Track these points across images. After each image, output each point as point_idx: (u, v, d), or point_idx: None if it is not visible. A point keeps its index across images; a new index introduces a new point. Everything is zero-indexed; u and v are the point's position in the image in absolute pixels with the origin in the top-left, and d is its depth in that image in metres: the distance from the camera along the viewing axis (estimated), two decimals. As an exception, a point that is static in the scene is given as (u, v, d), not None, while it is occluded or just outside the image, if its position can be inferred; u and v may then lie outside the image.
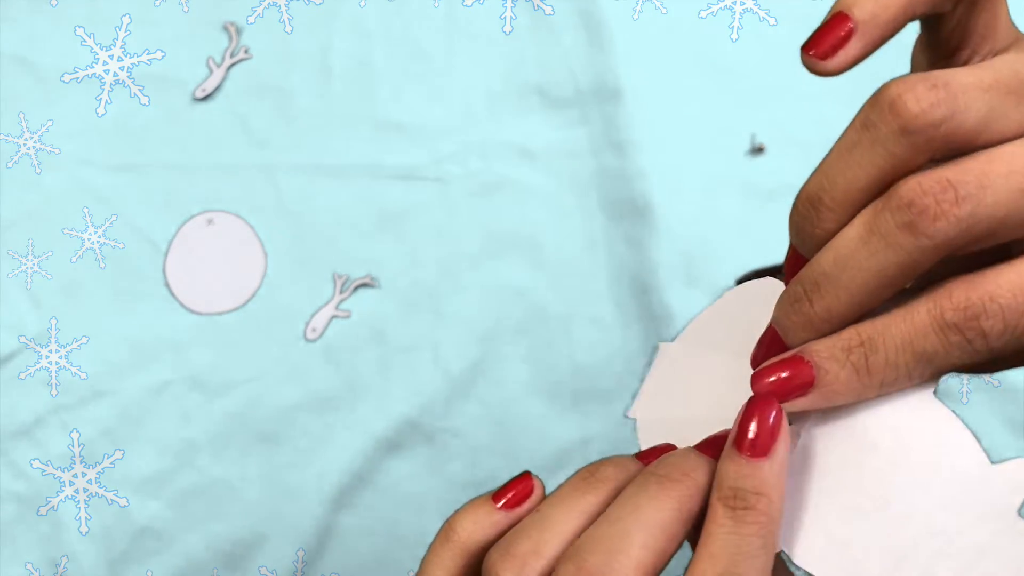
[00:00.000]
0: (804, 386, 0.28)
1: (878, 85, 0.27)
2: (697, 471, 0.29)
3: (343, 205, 0.65)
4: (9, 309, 0.65)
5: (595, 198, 0.65)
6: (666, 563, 0.28)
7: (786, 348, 0.29)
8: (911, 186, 0.25)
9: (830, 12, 0.28)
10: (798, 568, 0.28)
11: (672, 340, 0.34)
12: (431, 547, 0.32)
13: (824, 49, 0.27)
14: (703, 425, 0.30)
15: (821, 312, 0.27)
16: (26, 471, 0.64)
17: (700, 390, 0.32)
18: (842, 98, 0.61)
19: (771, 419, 0.28)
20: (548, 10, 0.66)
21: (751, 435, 0.28)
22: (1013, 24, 0.29)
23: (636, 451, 0.32)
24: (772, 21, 0.66)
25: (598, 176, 0.65)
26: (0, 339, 0.65)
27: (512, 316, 0.65)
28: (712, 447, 0.29)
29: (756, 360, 0.30)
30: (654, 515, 0.28)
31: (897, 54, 0.33)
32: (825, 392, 0.28)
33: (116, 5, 0.66)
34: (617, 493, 0.30)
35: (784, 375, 0.28)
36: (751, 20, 0.66)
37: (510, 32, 0.66)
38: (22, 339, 0.65)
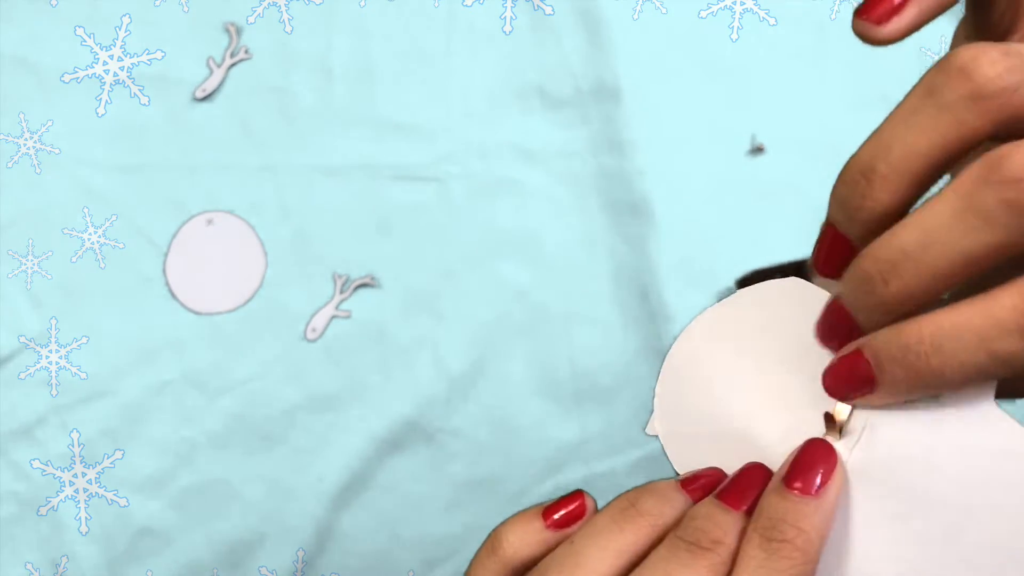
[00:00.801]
0: (867, 384, 0.26)
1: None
2: (728, 535, 0.27)
3: (343, 205, 0.65)
4: (9, 309, 0.65)
5: (595, 198, 0.65)
6: None
7: (850, 321, 0.27)
8: (1019, 160, 0.23)
9: None
10: None
11: (672, 341, 0.32)
12: (477, 555, 0.31)
13: (879, 14, 0.26)
14: (731, 436, 0.29)
15: (898, 294, 0.25)
16: (26, 471, 0.64)
17: (721, 396, 0.31)
18: (842, 98, 0.61)
19: (827, 463, 0.27)
20: (548, 10, 0.66)
21: (803, 474, 0.26)
22: None
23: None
24: (772, 21, 0.66)
25: (598, 176, 0.65)
26: (0, 339, 0.65)
27: (512, 316, 0.65)
28: (739, 495, 0.28)
29: (821, 332, 0.28)
30: None
31: (900, 52, 0.33)
32: (885, 392, 0.26)
33: (116, 5, 0.66)
34: (657, 530, 0.29)
35: (850, 376, 0.27)
36: (751, 20, 0.66)
37: (510, 32, 0.66)
38: (22, 339, 0.65)
